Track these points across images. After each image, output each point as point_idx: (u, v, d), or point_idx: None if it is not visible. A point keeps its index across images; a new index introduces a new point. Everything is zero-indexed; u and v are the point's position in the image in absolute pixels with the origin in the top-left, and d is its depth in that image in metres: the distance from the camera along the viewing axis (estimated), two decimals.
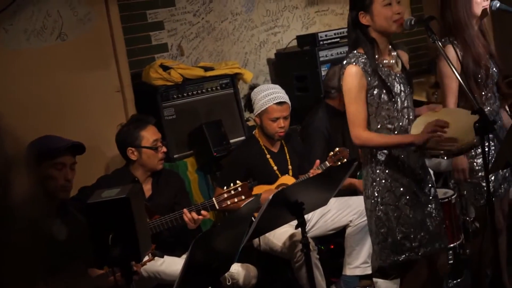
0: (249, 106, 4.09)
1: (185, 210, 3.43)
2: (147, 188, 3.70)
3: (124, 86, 4.40)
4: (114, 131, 3.78)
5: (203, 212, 3.44)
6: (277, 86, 4.10)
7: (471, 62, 3.30)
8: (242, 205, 3.17)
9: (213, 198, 3.49)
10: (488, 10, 3.35)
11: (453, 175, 3.39)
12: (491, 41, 3.48)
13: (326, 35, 5.15)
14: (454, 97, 3.35)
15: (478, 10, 3.33)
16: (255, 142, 4.06)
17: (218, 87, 4.66)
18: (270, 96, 3.94)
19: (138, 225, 2.15)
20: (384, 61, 2.90)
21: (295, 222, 3.01)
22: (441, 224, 3.03)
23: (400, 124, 2.89)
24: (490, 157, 2.62)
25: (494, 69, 3.39)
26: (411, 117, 2.92)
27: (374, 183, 2.93)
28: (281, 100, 3.94)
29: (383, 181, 2.91)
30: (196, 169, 4.46)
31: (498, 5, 3.38)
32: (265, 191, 3.78)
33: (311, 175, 3.91)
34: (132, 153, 3.65)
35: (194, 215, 3.42)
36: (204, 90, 4.59)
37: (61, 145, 3.11)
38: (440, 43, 2.68)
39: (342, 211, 4.02)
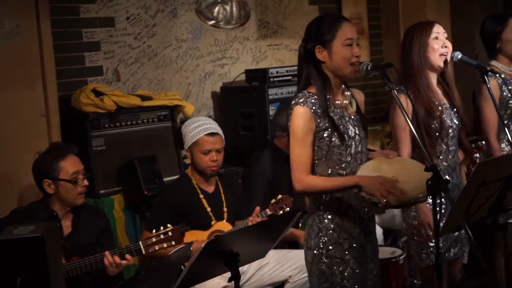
0: (180, 142, 4.11)
1: (107, 252, 3.39)
2: (67, 225, 3.65)
3: (50, 110, 4.35)
4: (32, 159, 3.72)
5: (127, 256, 3.40)
6: (207, 118, 4.14)
7: (422, 112, 3.40)
8: (171, 252, 3.15)
9: (140, 242, 3.46)
10: (448, 59, 3.47)
11: (418, 229, 3.45)
12: (455, 91, 3.58)
13: (277, 72, 5.22)
14: (408, 149, 3.43)
15: (434, 57, 3.44)
16: (187, 181, 4.06)
17: (155, 119, 4.66)
18: (201, 127, 3.97)
19: (51, 268, 2.12)
20: (337, 102, 2.95)
21: (228, 274, 3.00)
22: (379, 285, 3.08)
23: (353, 170, 2.94)
24: (441, 218, 2.70)
25: (454, 121, 3.49)
26: (363, 163, 2.97)
27: (320, 234, 2.96)
28: (213, 131, 3.97)
29: (331, 231, 2.95)
30: (123, 207, 4.42)
31: (459, 56, 3.49)
32: (197, 241, 3.76)
33: (249, 223, 3.93)
34: (49, 185, 3.60)
35: (117, 259, 3.38)
36: (139, 121, 4.58)
37: None
38: (395, 92, 2.75)
39: (281, 265, 4.03)
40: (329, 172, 2.92)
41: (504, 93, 3.96)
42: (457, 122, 3.50)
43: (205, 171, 3.99)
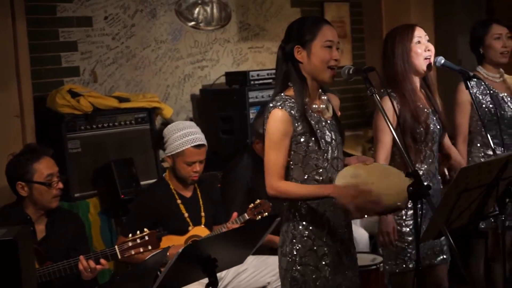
0: (158, 143, 4.09)
1: (81, 257, 3.37)
2: (40, 229, 3.63)
3: (25, 111, 4.32)
4: (6, 161, 3.70)
5: (102, 260, 3.39)
6: (193, 124, 4.11)
7: (409, 117, 3.42)
8: (148, 257, 3.14)
9: (116, 246, 3.44)
10: (432, 63, 3.49)
11: (377, 237, 3.47)
12: (437, 96, 3.61)
13: (258, 75, 5.23)
14: (386, 153, 3.45)
15: (418, 62, 3.46)
16: (165, 185, 4.05)
17: (133, 121, 4.65)
18: (188, 137, 3.94)
19: (24, 273, 2.10)
20: (314, 106, 2.96)
21: (206, 281, 3.00)
22: None
23: (330, 175, 2.94)
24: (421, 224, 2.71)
25: (437, 126, 3.52)
26: (339, 169, 2.98)
27: (294, 240, 2.96)
28: (200, 143, 3.96)
29: (305, 238, 2.95)
30: (99, 211, 4.41)
31: (442, 61, 3.51)
32: (174, 246, 3.75)
33: (227, 229, 3.92)
34: (22, 188, 3.58)
35: (91, 263, 3.37)
36: (116, 123, 4.57)
37: None
38: (377, 96, 2.76)
39: (259, 271, 4.03)
40: (305, 177, 2.93)
41: (482, 100, 4.01)
42: (439, 127, 3.53)
43: (185, 180, 3.99)
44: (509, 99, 4.11)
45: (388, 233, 3.40)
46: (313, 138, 2.89)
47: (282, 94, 2.92)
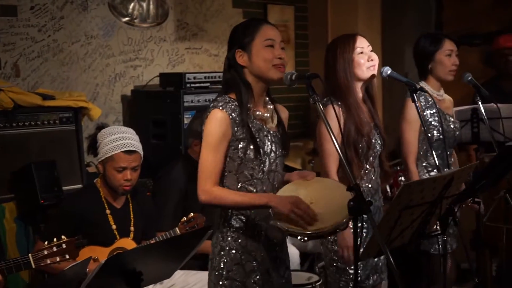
0: (94, 149, 4.04)
1: None
2: None
3: None
4: None
5: None
6: (130, 130, 4.08)
7: (353, 130, 3.46)
8: (67, 267, 3.09)
9: (30, 254, 3.37)
10: (375, 74, 3.54)
11: (338, 252, 3.48)
12: (378, 108, 3.66)
13: (195, 77, 5.23)
14: (336, 164, 3.48)
15: (361, 72, 3.51)
16: (95, 192, 3.99)
17: (57, 121, 4.59)
18: (119, 141, 3.90)
19: None
20: (257, 113, 2.97)
21: None
22: None
23: (264, 188, 2.95)
24: (361, 242, 2.74)
25: (378, 141, 3.57)
26: (275, 183, 2.99)
27: (222, 253, 2.96)
28: (131, 149, 3.91)
29: (233, 251, 2.95)
30: (15, 217, 4.33)
31: (389, 72, 3.55)
32: (96, 259, 3.70)
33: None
34: None
35: None
36: (39, 122, 4.50)
37: None
38: (320, 105, 2.78)
39: (188, 287, 4.02)
40: (239, 186, 2.93)
41: (426, 117, 4.08)
42: (380, 142, 3.59)
43: (116, 189, 3.93)
44: (451, 118, 4.19)
45: (348, 247, 3.41)
46: (251, 146, 2.90)
47: (226, 95, 2.92)
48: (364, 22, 6.77)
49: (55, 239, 3.37)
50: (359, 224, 2.66)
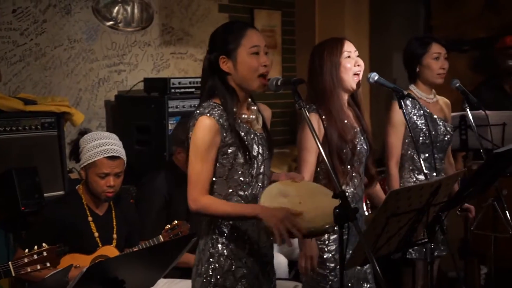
0: (76, 155, 4.02)
1: None
2: None
3: None
4: None
5: None
6: (113, 135, 4.06)
7: (335, 136, 3.45)
8: (48, 275, 3.07)
9: (10, 262, 3.35)
10: (360, 83, 3.54)
11: (298, 262, 3.48)
12: (365, 114, 3.66)
13: (180, 83, 5.22)
14: (310, 173, 3.47)
15: (347, 77, 3.50)
16: (77, 199, 3.96)
17: (39, 127, 4.57)
18: (102, 147, 3.88)
19: None
20: (243, 116, 2.96)
21: None
22: None
23: (253, 192, 2.94)
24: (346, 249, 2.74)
25: (364, 146, 3.57)
26: (265, 185, 2.98)
27: (211, 259, 2.94)
28: (114, 154, 3.89)
29: (223, 258, 2.94)
30: None
31: (376, 77, 3.56)
32: (77, 266, 3.67)
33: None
34: None
35: None
36: (20, 128, 4.48)
37: None
38: (306, 111, 2.78)
39: None
40: (229, 191, 2.92)
41: (413, 119, 4.10)
42: (366, 148, 3.58)
43: (99, 196, 3.90)
44: (442, 122, 4.20)
45: (312, 257, 3.40)
46: (241, 151, 2.89)
47: (210, 101, 2.91)
48: (351, 28, 6.79)
49: (35, 247, 3.35)
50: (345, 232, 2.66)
